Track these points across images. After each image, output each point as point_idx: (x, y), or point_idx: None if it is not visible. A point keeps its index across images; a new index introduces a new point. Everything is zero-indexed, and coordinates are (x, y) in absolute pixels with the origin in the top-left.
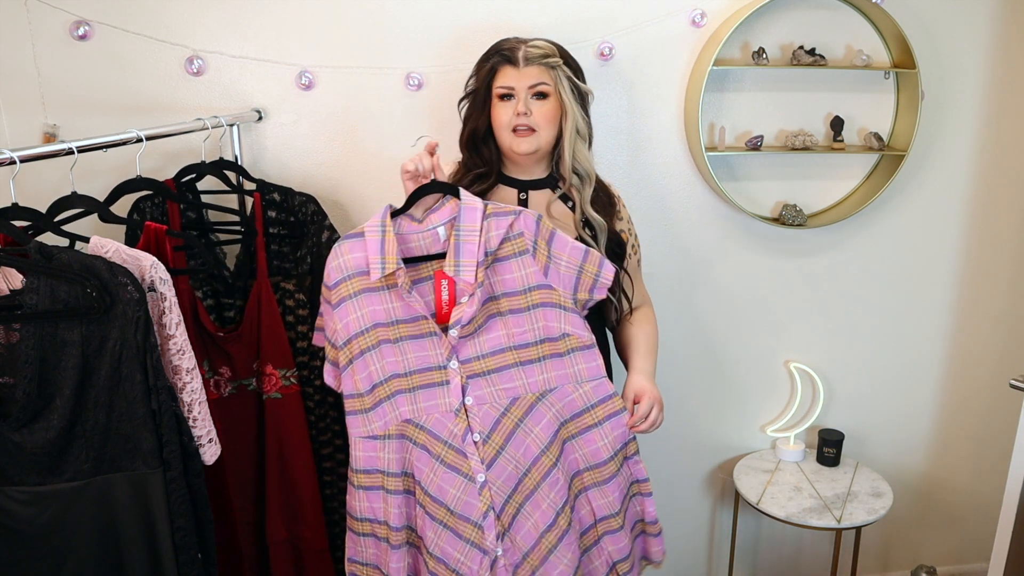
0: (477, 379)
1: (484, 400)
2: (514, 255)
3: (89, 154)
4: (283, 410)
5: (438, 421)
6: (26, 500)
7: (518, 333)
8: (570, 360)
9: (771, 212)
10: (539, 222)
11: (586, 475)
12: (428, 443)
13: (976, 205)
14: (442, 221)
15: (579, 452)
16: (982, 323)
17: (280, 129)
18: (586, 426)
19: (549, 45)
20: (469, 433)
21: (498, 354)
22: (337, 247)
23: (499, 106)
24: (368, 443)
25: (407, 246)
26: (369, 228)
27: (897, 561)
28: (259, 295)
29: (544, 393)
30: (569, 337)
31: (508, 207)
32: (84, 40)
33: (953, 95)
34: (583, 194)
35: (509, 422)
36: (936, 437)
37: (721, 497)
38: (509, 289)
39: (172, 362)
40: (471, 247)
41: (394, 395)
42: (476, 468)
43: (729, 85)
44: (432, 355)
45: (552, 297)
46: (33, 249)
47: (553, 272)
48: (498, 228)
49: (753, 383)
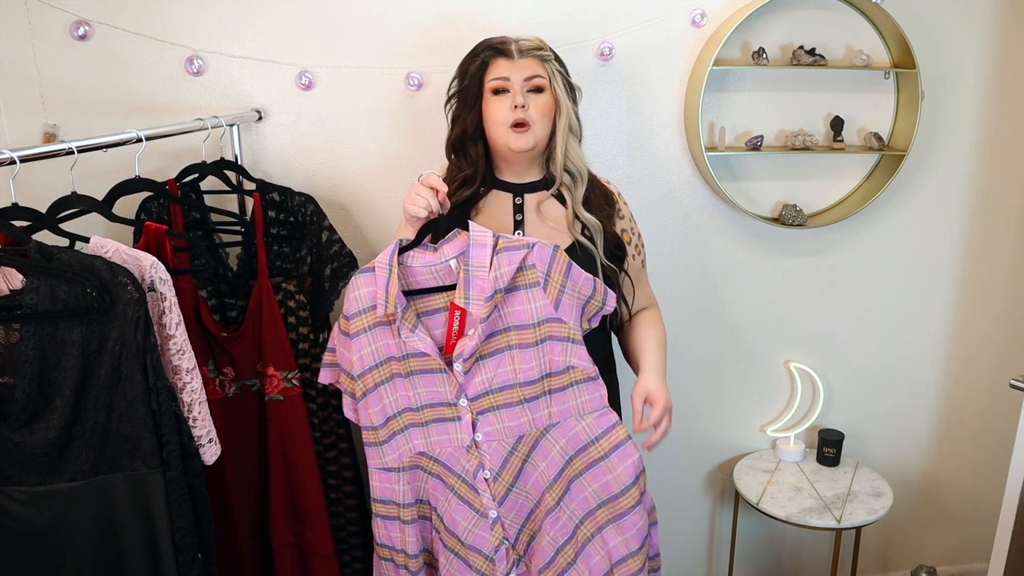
0: (487, 415)
1: (493, 436)
2: (525, 286)
3: (89, 154)
4: (285, 412)
5: (451, 455)
6: (26, 500)
7: (524, 369)
8: (573, 393)
9: (771, 212)
10: (555, 253)
11: (599, 513)
12: (442, 474)
13: (976, 205)
14: (454, 254)
15: (589, 489)
16: (982, 323)
17: (280, 129)
18: (593, 460)
19: (539, 39)
20: (481, 469)
21: (505, 390)
22: (354, 279)
23: (493, 101)
24: (383, 475)
25: (420, 278)
26: (379, 264)
27: (897, 561)
28: (260, 295)
29: (548, 428)
30: (574, 370)
31: (520, 240)
32: (84, 40)
33: (953, 95)
34: (575, 194)
35: (517, 459)
36: (936, 437)
37: (721, 497)
38: (519, 322)
39: (172, 362)
40: (480, 282)
41: (407, 428)
42: (488, 504)
43: (729, 85)
44: (442, 391)
45: (561, 331)
46: (33, 249)
47: (565, 305)
48: (509, 263)
49: (753, 383)
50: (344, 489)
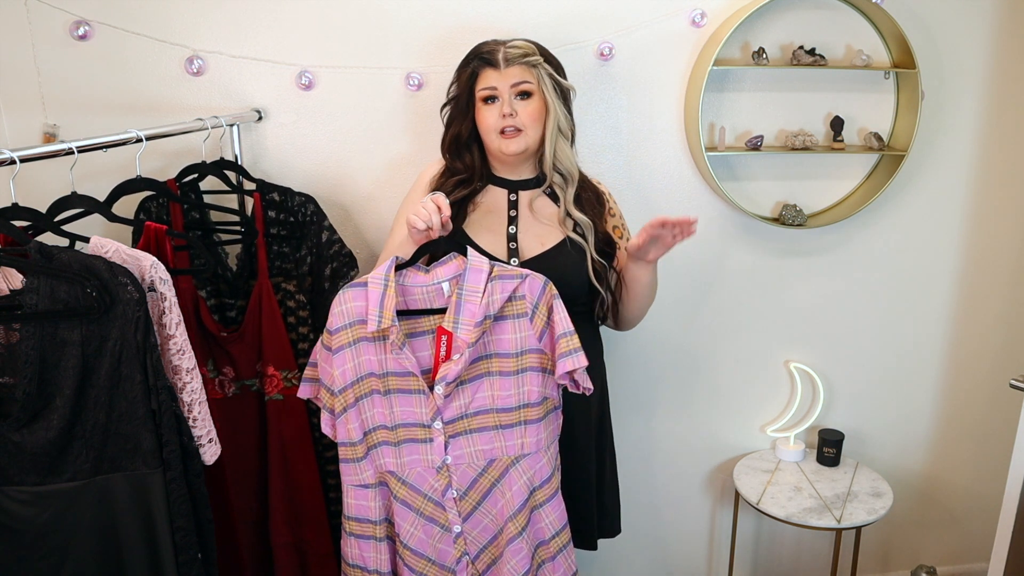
0: (458, 438)
1: (463, 460)
2: (512, 316)
3: (89, 154)
4: (285, 412)
5: (420, 475)
6: (26, 500)
7: (503, 396)
8: (545, 423)
9: (771, 212)
10: (545, 287)
11: (552, 543)
12: (408, 497)
13: (976, 205)
14: (447, 277)
15: (546, 520)
16: (982, 323)
17: (280, 129)
18: (554, 491)
19: (528, 44)
20: (449, 489)
21: (481, 415)
22: (341, 294)
23: (484, 109)
24: (360, 491)
25: (411, 298)
26: (372, 279)
27: (897, 561)
28: (260, 295)
29: (519, 457)
30: (548, 400)
31: (515, 270)
32: (84, 40)
33: (953, 95)
34: (566, 193)
35: (486, 481)
36: (936, 437)
37: (721, 497)
38: (502, 350)
39: (172, 362)
40: (472, 307)
41: (379, 444)
42: (453, 520)
43: (729, 85)
44: (418, 412)
45: (542, 361)
46: (33, 249)
47: (547, 337)
48: (502, 291)
49: (753, 383)
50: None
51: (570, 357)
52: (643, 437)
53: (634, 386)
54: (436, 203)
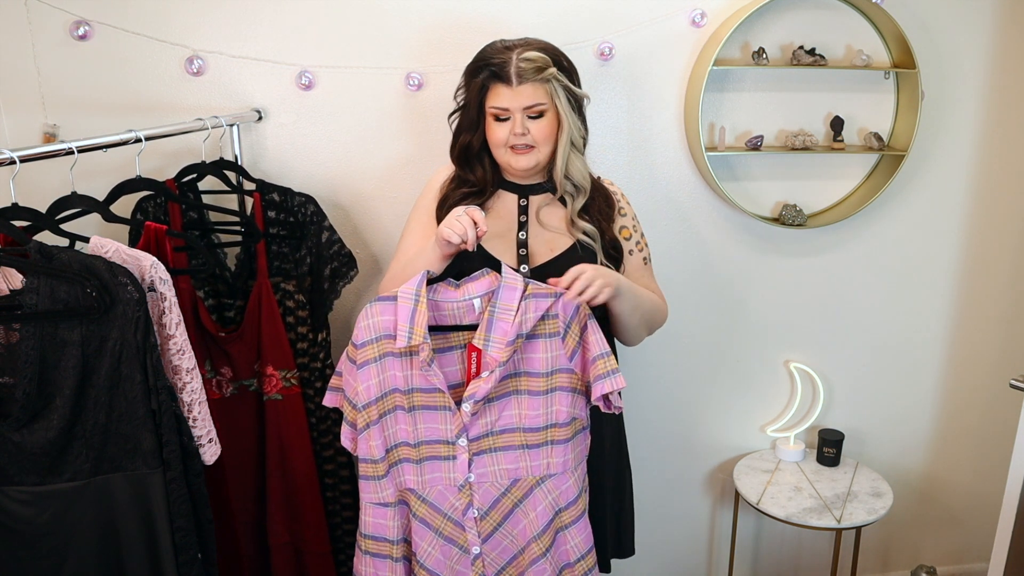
0: (482, 456)
1: (487, 478)
2: (544, 335)
3: (89, 154)
4: (284, 411)
5: (440, 494)
6: (26, 500)
7: (530, 416)
8: (572, 444)
9: (771, 212)
10: (578, 308)
11: (577, 567)
12: (428, 516)
13: (976, 205)
14: (479, 293)
15: (572, 543)
16: (982, 323)
17: (280, 129)
18: (580, 513)
19: (541, 56)
20: (470, 508)
21: (507, 433)
22: (369, 307)
23: (494, 126)
24: (378, 510)
25: (440, 313)
26: (402, 294)
27: (897, 561)
28: (259, 295)
29: (544, 478)
30: (576, 420)
31: (549, 288)
32: (84, 40)
33: (953, 95)
34: (574, 204)
35: (508, 502)
36: (936, 437)
37: (721, 497)
38: (532, 369)
39: (172, 362)
40: (504, 325)
41: (401, 462)
42: (472, 541)
43: (729, 85)
44: (442, 428)
45: (572, 381)
46: (33, 249)
47: (579, 357)
48: (536, 310)
49: (753, 383)
50: (341, 488)
51: (608, 379)
52: (643, 437)
53: (634, 386)
54: (472, 217)
